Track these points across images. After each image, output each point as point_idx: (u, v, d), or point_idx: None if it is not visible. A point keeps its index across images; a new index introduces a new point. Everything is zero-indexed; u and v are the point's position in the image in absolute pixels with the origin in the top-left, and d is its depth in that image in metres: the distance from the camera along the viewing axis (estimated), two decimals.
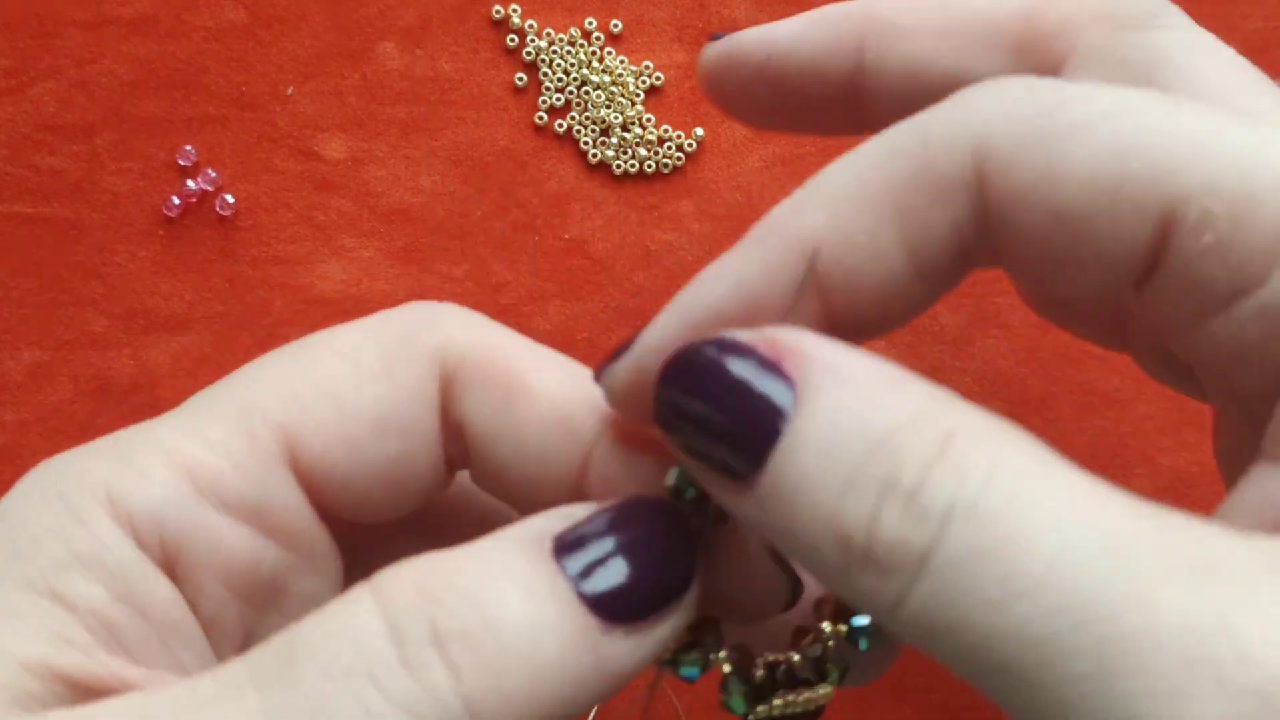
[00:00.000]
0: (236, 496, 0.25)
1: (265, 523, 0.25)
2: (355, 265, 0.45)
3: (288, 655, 0.22)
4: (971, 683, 0.21)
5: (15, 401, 0.45)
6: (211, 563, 0.24)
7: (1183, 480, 0.44)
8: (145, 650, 0.24)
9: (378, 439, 0.25)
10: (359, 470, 0.25)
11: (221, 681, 0.22)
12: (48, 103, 0.45)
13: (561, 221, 0.45)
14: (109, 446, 0.25)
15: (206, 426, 0.25)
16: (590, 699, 0.23)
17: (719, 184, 0.45)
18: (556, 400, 0.26)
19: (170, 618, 0.24)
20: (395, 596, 0.22)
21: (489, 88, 0.46)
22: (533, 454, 0.26)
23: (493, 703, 0.22)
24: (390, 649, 0.21)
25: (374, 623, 0.22)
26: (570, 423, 0.26)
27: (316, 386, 0.25)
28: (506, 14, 0.46)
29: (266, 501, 0.25)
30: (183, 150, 0.45)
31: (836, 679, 0.27)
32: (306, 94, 0.46)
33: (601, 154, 0.45)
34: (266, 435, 0.25)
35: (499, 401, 0.26)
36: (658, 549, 0.24)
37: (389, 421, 0.25)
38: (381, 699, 0.21)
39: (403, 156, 0.45)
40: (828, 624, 0.27)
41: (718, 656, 0.26)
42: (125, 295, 0.45)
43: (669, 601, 0.24)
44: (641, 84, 0.46)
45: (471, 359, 0.26)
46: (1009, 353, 0.45)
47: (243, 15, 0.46)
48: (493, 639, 0.22)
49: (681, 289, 0.25)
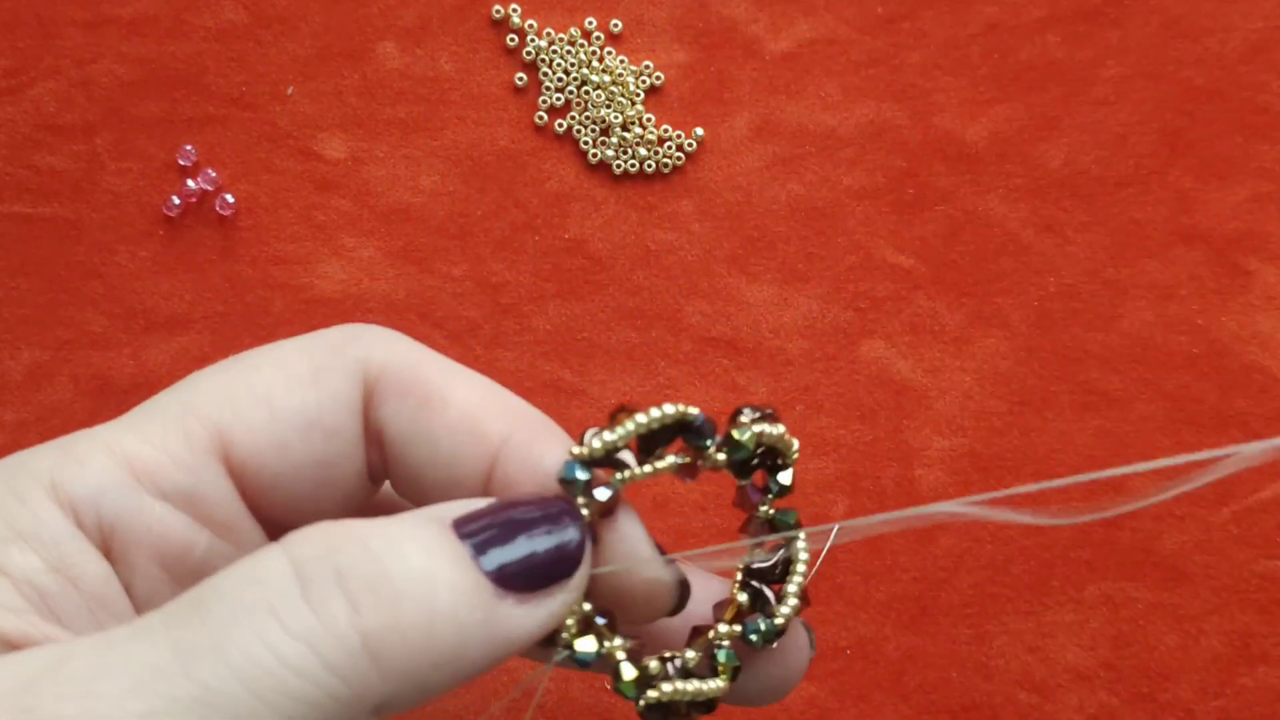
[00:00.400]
0: (171, 485, 0.27)
1: (198, 511, 0.27)
2: (355, 265, 0.45)
3: (198, 599, 0.23)
4: None
5: (15, 401, 0.45)
6: (146, 544, 0.27)
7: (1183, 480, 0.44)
8: (76, 618, 0.26)
9: (304, 440, 0.28)
10: (287, 468, 0.28)
11: (136, 626, 0.23)
12: (48, 103, 0.45)
13: (561, 221, 0.45)
14: (55, 443, 0.27)
15: (144, 424, 0.27)
16: (481, 658, 0.25)
17: (719, 184, 0.46)
18: (467, 408, 0.28)
19: (100, 591, 0.26)
20: (302, 546, 0.24)
21: (489, 88, 0.46)
22: (444, 458, 0.28)
23: (388, 640, 0.23)
24: (293, 587, 0.23)
25: (280, 565, 0.23)
26: (479, 428, 0.28)
27: (249, 390, 0.28)
28: (506, 14, 0.46)
29: (199, 491, 0.27)
30: (183, 150, 0.45)
31: (729, 676, 0.29)
32: (306, 94, 0.46)
33: (601, 154, 0.45)
34: (201, 432, 0.27)
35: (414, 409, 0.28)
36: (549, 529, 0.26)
37: (315, 424, 0.28)
38: (281, 630, 0.23)
39: (403, 156, 0.45)
40: (723, 624, 0.29)
41: (612, 644, 0.28)
42: (125, 295, 0.45)
43: (559, 578, 0.26)
44: (641, 84, 0.46)
45: (391, 370, 0.28)
46: (1009, 353, 0.45)
47: (243, 15, 0.46)
48: (391, 584, 0.24)
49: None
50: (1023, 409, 0.45)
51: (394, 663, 0.23)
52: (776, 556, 0.30)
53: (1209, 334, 0.45)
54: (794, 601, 0.29)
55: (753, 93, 0.46)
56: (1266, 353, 0.45)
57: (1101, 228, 0.45)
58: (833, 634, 0.44)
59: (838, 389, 0.45)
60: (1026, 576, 0.44)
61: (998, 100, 0.45)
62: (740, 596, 0.30)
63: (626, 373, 0.45)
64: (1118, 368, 0.45)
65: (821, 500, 0.44)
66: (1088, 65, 0.45)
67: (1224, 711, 0.43)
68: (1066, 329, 0.45)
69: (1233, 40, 0.46)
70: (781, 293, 0.45)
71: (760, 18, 0.46)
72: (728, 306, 0.45)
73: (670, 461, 0.28)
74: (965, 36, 0.46)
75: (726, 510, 0.44)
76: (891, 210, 0.45)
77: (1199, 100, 0.45)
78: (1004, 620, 0.44)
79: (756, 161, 0.45)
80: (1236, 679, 0.44)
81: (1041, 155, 0.45)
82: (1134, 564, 0.44)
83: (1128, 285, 0.45)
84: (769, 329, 0.45)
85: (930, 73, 0.45)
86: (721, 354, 0.45)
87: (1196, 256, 0.45)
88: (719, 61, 0.46)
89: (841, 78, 0.46)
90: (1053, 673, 0.44)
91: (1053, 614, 0.44)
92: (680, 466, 0.28)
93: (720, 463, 0.28)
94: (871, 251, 0.45)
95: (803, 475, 0.44)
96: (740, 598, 0.30)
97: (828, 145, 0.45)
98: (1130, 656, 0.44)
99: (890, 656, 0.44)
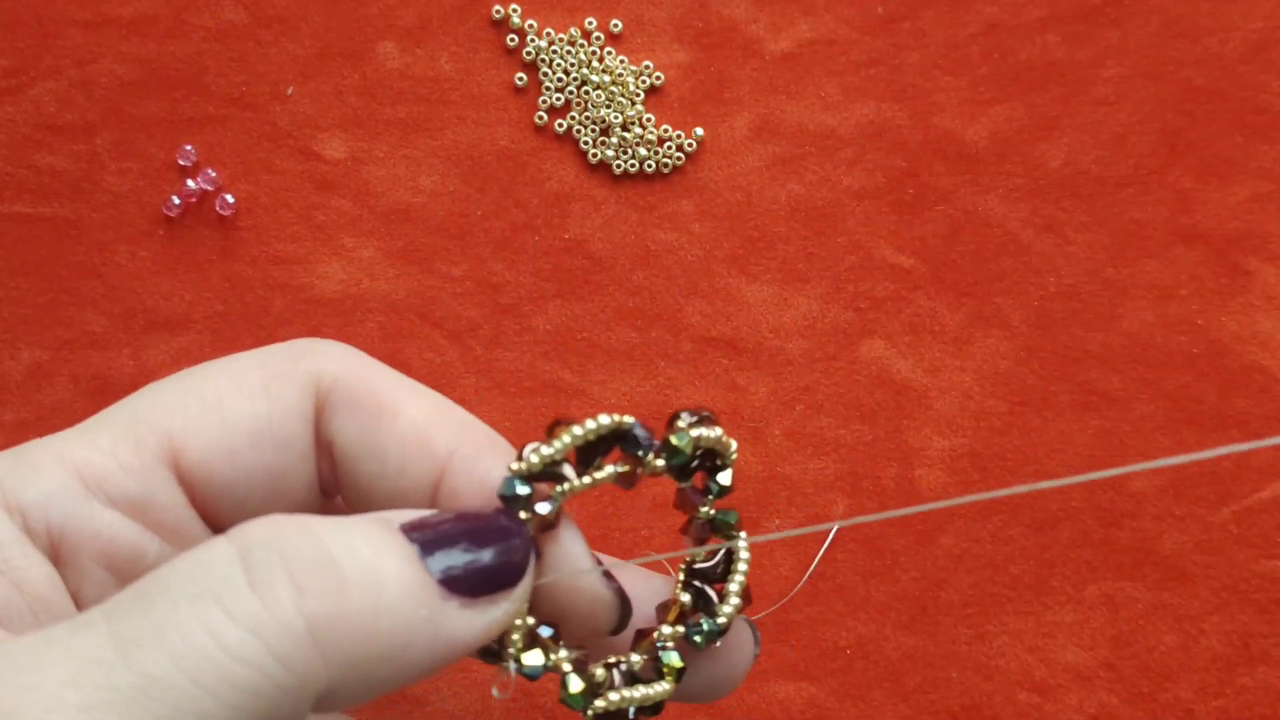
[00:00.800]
0: (120, 492, 0.27)
1: (148, 518, 0.27)
2: (355, 265, 0.45)
3: (141, 590, 0.23)
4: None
5: (15, 401, 0.45)
6: (95, 549, 0.27)
7: (1183, 480, 0.44)
8: (18, 620, 0.26)
9: (255, 448, 0.28)
10: (238, 477, 0.28)
11: (77, 620, 0.23)
12: (48, 103, 0.45)
13: (561, 221, 0.45)
14: (8, 452, 0.28)
15: (95, 433, 0.27)
16: (424, 658, 0.25)
17: (719, 184, 0.46)
18: (417, 421, 0.28)
19: (44, 595, 0.26)
20: (248, 533, 0.24)
21: (489, 88, 0.46)
22: (393, 470, 0.28)
23: (333, 628, 0.23)
24: (238, 572, 0.23)
25: (225, 552, 0.23)
26: (428, 442, 0.28)
27: (200, 399, 0.28)
28: (506, 14, 0.46)
29: (149, 498, 0.27)
30: (183, 150, 0.45)
31: (674, 678, 0.29)
32: (306, 94, 0.46)
33: (601, 154, 0.45)
34: (151, 440, 0.27)
35: (365, 421, 0.28)
36: (494, 541, 0.26)
37: (266, 433, 0.28)
38: (225, 617, 0.22)
39: (403, 156, 0.45)
40: (666, 625, 0.29)
41: (558, 656, 0.28)
42: (125, 295, 0.45)
43: (503, 586, 0.26)
44: (641, 84, 0.46)
45: (344, 383, 0.29)
46: (1009, 353, 0.45)
47: (243, 15, 0.46)
48: (338, 571, 0.24)
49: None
50: (1023, 409, 0.45)
51: (339, 651, 0.23)
52: (718, 556, 0.30)
53: (1209, 334, 0.45)
54: (736, 600, 0.29)
55: (753, 93, 0.46)
56: (1266, 353, 0.45)
57: (1101, 228, 0.45)
58: (833, 634, 0.44)
59: (838, 389, 0.45)
60: (1026, 576, 0.44)
61: (998, 100, 0.45)
62: (683, 597, 0.30)
63: (626, 373, 0.45)
64: (1118, 368, 0.45)
65: (821, 500, 0.44)
66: (1088, 65, 0.45)
67: (1224, 711, 0.43)
68: (1066, 329, 0.45)
69: (1233, 40, 0.46)
70: (781, 293, 0.45)
71: (760, 18, 0.46)
72: (728, 306, 0.45)
73: (609, 471, 0.29)
74: (965, 36, 0.46)
75: None
76: (891, 210, 0.45)
77: (1199, 100, 0.45)
78: (1004, 620, 0.44)
79: (756, 161, 0.45)
80: (1236, 679, 0.44)
81: (1041, 155, 0.45)
82: (1134, 564, 0.44)
83: (1128, 285, 0.45)
84: (769, 329, 0.45)
85: (930, 73, 0.45)
86: (721, 354, 0.45)
87: (1196, 256, 0.45)
88: (719, 61, 0.46)
89: (841, 78, 0.46)
90: (1053, 673, 0.44)
91: (1053, 614, 0.44)
92: (619, 475, 0.29)
93: (660, 469, 0.29)
94: (871, 251, 0.45)
95: (803, 475, 0.44)
96: (683, 598, 0.30)
97: (828, 145, 0.45)
98: (1130, 656, 0.44)
99: (890, 656, 0.44)
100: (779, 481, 0.44)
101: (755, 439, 0.45)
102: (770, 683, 0.44)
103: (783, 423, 0.45)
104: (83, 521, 0.27)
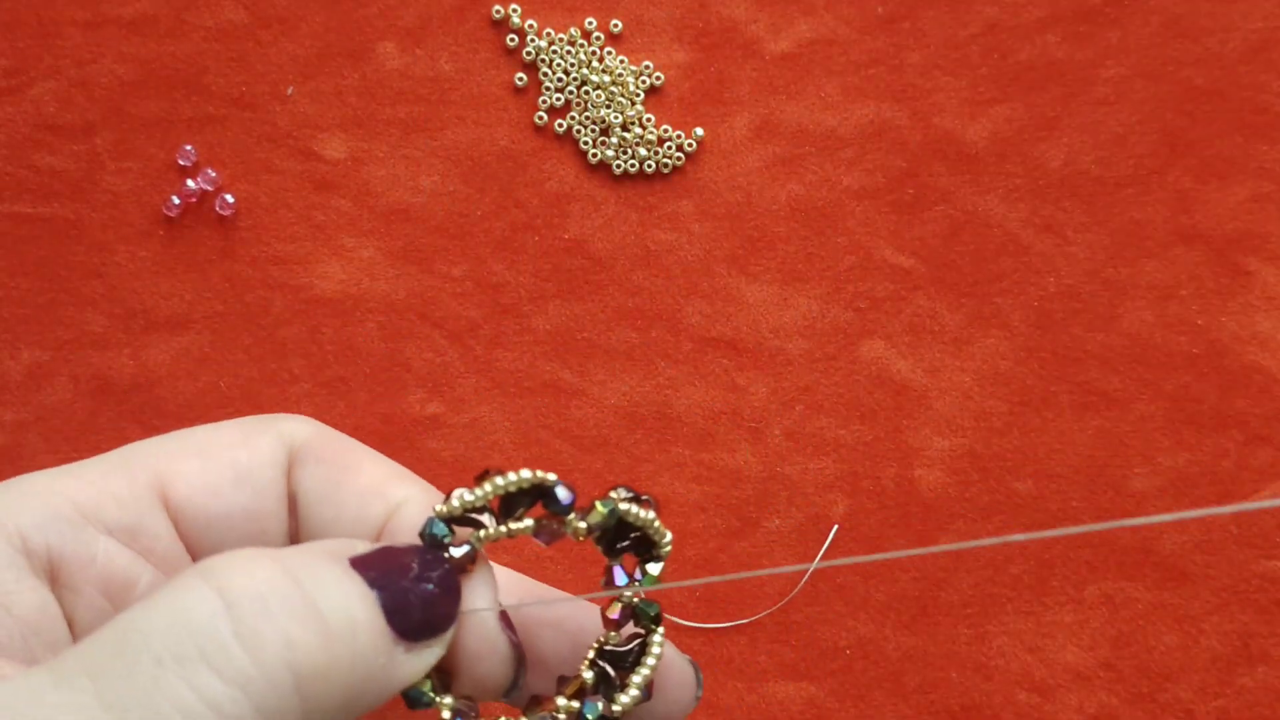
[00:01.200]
0: (115, 521, 0.28)
1: (140, 545, 0.28)
2: (355, 265, 0.45)
3: (120, 643, 0.23)
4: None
5: (15, 401, 0.45)
6: (92, 574, 0.28)
7: (1183, 480, 0.44)
8: (7, 645, 0.26)
9: (236, 489, 0.30)
10: (220, 514, 0.29)
11: (59, 672, 0.23)
12: (48, 103, 0.45)
13: (561, 221, 0.45)
14: (8, 483, 0.28)
15: (86, 469, 0.29)
16: (373, 701, 0.26)
17: (719, 184, 0.46)
18: (375, 478, 0.30)
19: (33, 619, 0.27)
20: (228, 576, 0.24)
21: (489, 88, 0.46)
22: (349, 517, 0.30)
23: (317, 681, 0.24)
24: (224, 626, 0.23)
25: (208, 603, 0.23)
26: (385, 493, 0.30)
27: (183, 445, 0.30)
28: (506, 14, 0.46)
29: (142, 528, 0.28)
30: (183, 150, 0.45)
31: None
32: (306, 94, 0.46)
33: (601, 154, 0.45)
34: (141, 476, 0.29)
35: (328, 472, 0.30)
36: (430, 580, 0.27)
37: (245, 476, 0.30)
38: (214, 678, 0.22)
39: (403, 156, 0.45)
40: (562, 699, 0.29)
41: (441, 700, 0.28)
42: (125, 295, 0.45)
43: (441, 630, 0.27)
44: (641, 84, 0.46)
45: (313, 442, 0.31)
46: (1009, 353, 0.45)
47: (243, 15, 0.46)
48: (322, 622, 0.24)
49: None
50: (1023, 409, 0.45)
51: (317, 701, 0.24)
52: (633, 644, 0.30)
53: (1209, 334, 0.45)
54: (635, 693, 0.29)
55: (753, 93, 0.46)
56: (1266, 353, 0.45)
57: (1101, 228, 0.45)
58: (833, 634, 0.44)
59: (838, 389, 0.45)
60: (1026, 576, 0.44)
61: (998, 100, 0.45)
62: (586, 674, 0.30)
63: (626, 373, 0.45)
64: (1118, 368, 0.45)
65: (821, 500, 0.44)
66: (1088, 65, 0.45)
67: (1224, 711, 0.43)
68: (1066, 329, 0.45)
69: (1233, 40, 0.46)
70: (781, 293, 0.45)
71: (760, 18, 0.46)
72: (728, 306, 0.45)
73: (528, 523, 0.29)
74: (965, 36, 0.46)
75: (727, 510, 0.44)
76: (891, 210, 0.45)
77: (1199, 100, 0.45)
78: (1004, 620, 0.44)
79: (756, 161, 0.45)
80: (1236, 679, 0.44)
81: (1041, 155, 0.45)
82: (1134, 564, 0.44)
83: (1128, 285, 0.45)
84: (769, 329, 0.45)
85: (930, 73, 0.45)
86: (721, 354, 0.45)
87: (1196, 256, 0.45)
88: (719, 61, 0.46)
89: (841, 78, 0.46)
90: (1053, 673, 0.44)
91: (1053, 614, 0.44)
92: (539, 529, 0.29)
93: (581, 530, 0.29)
94: (871, 251, 0.45)
95: (802, 475, 0.44)
96: (586, 675, 0.30)
97: (828, 145, 0.45)
98: (1130, 656, 0.44)
99: (890, 656, 0.44)
100: (779, 481, 0.44)
101: (755, 439, 0.45)
102: (770, 683, 0.44)
103: (783, 423, 0.45)
104: (80, 546, 0.28)
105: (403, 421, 0.45)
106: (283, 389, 0.45)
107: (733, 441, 0.45)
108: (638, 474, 0.45)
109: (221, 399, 0.45)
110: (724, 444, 0.45)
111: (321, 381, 0.45)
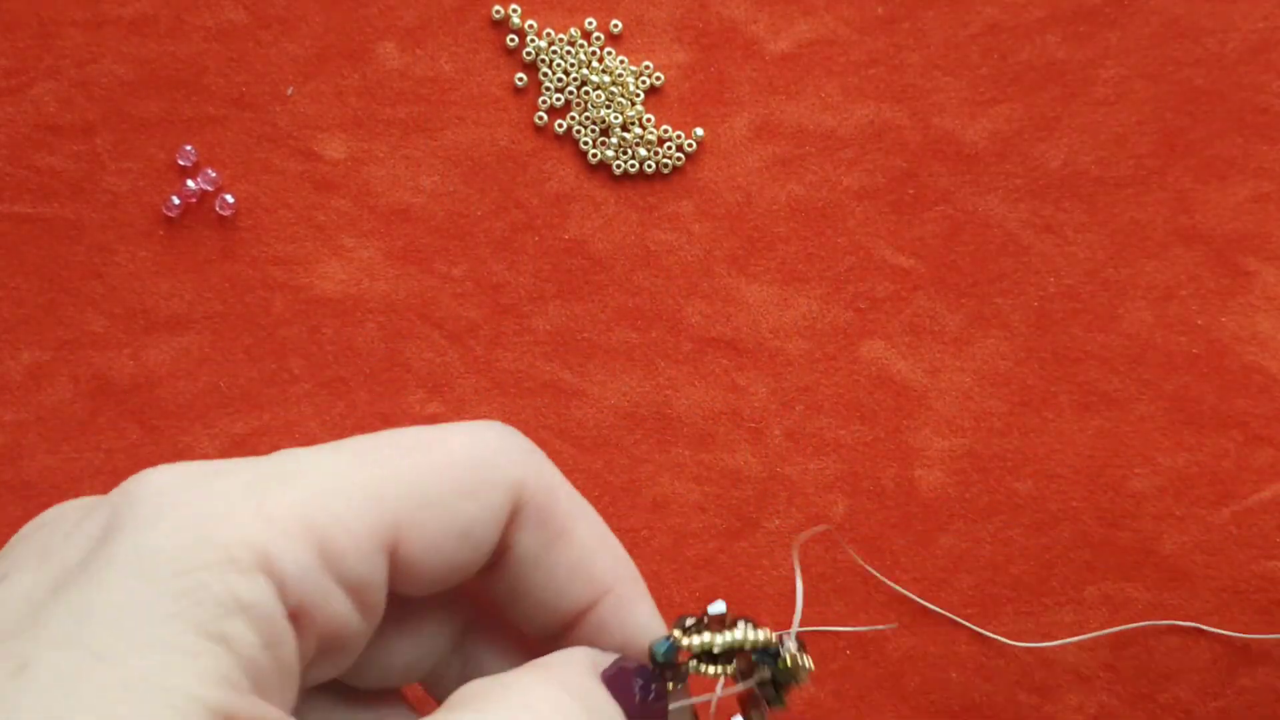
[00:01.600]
0: (354, 575, 0.28)
1: (362, 599, 0.28)
2: (355, 265, 0.45)
3: None
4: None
5: (15, 401, 0.45)
6: (320, 624, 0.28)
7: (1183, 480, 0.44)
8: (274, 694, 0.27)
9: (458, 548, 0.30)
10: (433, 568, 0.29)
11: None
12: (48, 103, 0.45)
13: (561, 221, 0.45)
14: (245, 490, 0.27)
15: (339, 505, 0.28)
16: None
17: (719, 184, 0.46)
18: (586, 549, 0.31)
19: (291, 667, 0.27)
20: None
21: (489, 88, 0.46)
22: (557, 585, 0.31)
23: None
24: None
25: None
26: (593, 572, 0.31)
27: (424, 493, 0.29)
28: (506, 14, 0.46)
29: (370, 582, 0.28)
30: (183, 150, 0.45)
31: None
32: (306, 94, 0.46)
33: (601, 154, 0.45)
34: (383, 528, 0.29)
35: (546, 539, 0.31)
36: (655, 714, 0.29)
37: (469, 535, 0.30)
38: None
39: (403, 156, 0.45)
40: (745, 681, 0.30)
41: None
42: (125, 295, 0.45)
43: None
44: (641, 84, 0.46)
45: (536, 499, 0.31)
46: (1009, 353, 0.45)
47: (243, 15, 0.46)
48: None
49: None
50: (1023, 409, 0.45)
51: None
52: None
53: (1209, 334, 0.45)
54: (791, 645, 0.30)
55: (752, 93, 0.46)
56: (1266, 353, 0.45)
57: (1101, 228, 0.45)
58: (833, 634, 0.44)
59: (838, 389, 0.45)
60: (1026, 576, 0.44)
61: (998, 100, 0.45)
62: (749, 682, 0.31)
63: (626, 373, 0.45)
64: (1118, 368, 0.45)
65: (821, 501, 0.44)
66: (1088, 65, 0.45)
67: (1224, 711, 0.43)
68: (1066, 329, 0.45)
69: (1233, 40, 0.46)
70: (781, 293, 0.45)
71: (760, 18, 0.46)
72: (728, 306, 0.45)
73: (750, 682, 0.30)
74: (965, 36, 0.46)
75: (727, 510, 0.44)
76: (891, 210, 0.45)
77: (1199, 100, 0.45)
78: (1004, 620, 0.44)
79: (756, 162, 0.45)
80: (1236, 679, 0.44)
81: (1041, 155, 0.45)
82: (1134, 564, 0.44)
83: (1127, 285, 0.45)
84: (769, 329, 0.45)
85: (930, 73, 0.45)
86: (721, 354, 0.45)
87: (1196, 257, 0.45)
88: (719, 62, 0.46)
89: (841, 78, 0.46)
90: (1053, 673, 0.44)
91: (1053, 614, 0.44)
92: (761, 690, 0.30)
93: (765, 679, 0.30)
94: (871, 252, 0.45)
95: (802, 475, 0.44)
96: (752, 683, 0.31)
97: (828, 145, 0.45)
98: (1130, 656, 0.44)
99: (890, 656, 0.44)
100: (779, 482, 0.44)
101: (755, 439, 0.45)
102: None
103: (783, 423, 0.45)
104: (321, 599, 0.27)
105: (403, 422, 0.45)
106: (283, 389, 0.45)
107: (733, 442, 0.45)
108: (638, 474, 0.45)
109: (221, 399, 0.45)
110: (724, 444, 0.45)
111: (321, 381, 0.45)
